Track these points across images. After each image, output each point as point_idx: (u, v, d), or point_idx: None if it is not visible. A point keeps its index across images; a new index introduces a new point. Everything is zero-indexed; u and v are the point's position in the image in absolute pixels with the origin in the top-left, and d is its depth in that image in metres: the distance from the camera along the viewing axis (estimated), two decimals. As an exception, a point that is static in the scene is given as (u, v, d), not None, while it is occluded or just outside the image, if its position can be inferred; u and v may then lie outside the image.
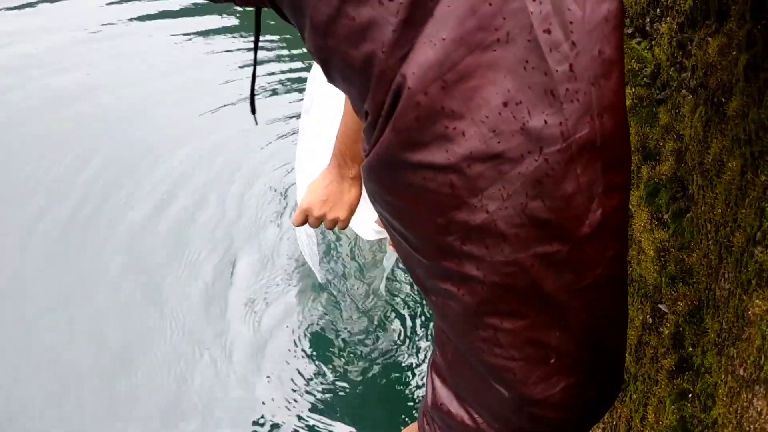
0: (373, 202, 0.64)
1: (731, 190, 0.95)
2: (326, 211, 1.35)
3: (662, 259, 1.18)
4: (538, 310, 0.59)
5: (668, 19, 1.22)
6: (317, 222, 1.35)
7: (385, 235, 1.69)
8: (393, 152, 0.56)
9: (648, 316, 1.21)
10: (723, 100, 1.00)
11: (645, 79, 1.32)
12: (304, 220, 1.37)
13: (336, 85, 0.59)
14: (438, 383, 0.71)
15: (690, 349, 1.06)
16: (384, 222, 0.64)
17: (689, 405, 1.04)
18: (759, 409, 0.84)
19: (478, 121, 0.52)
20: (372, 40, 0.53)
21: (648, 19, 1.33)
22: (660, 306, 1.17)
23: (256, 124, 1.19)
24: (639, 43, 1.37)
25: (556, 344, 0.60)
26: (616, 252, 0.60)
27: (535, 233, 0.55)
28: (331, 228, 1.37)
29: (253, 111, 0.99)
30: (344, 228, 1.41)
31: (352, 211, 1.36)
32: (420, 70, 0.51)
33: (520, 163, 0.53)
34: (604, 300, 0.61)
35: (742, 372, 0.89)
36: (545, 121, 0.52)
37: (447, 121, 0.52)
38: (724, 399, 0.94)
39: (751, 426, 0.85)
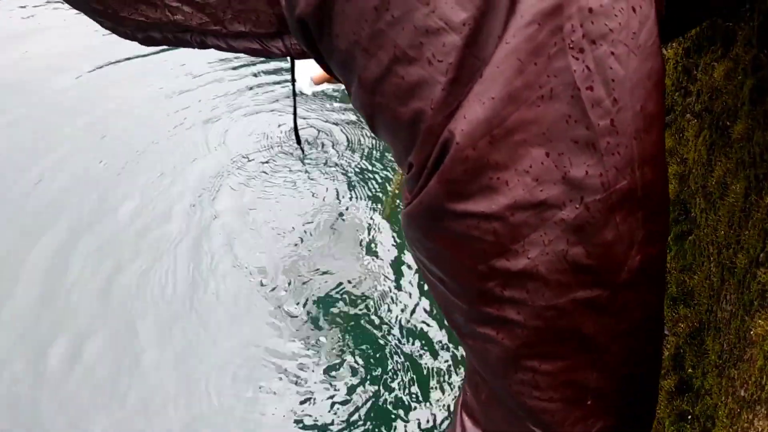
0: (410, 248, 0.66)
1: (735, 212, 0.96)
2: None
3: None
4: (578, 352, 0.60)
5: (674, 44, 1.24)
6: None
7: (319, 89, 1.79)
8: (438, 202, 0.58)
9: (648, 338, 1.22)
10: (728, 123, 1.01)
11: (663, 60, 1.33)
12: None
13: (380, 138, 0.62)
14: (469, 424, 0.72)
15: (690, 370, 1.07)
16: (421, 267, 0.66)
17: (689, 427, 1.04)
18: (760, 429, 0.84)
19: (522, 172, 0.55)
20: (421, 97, 0.55)
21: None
22: (660, 328, 1.17)
23: (303, 154, 1.25)
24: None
25: (594, 385, 0.61)
26: (654, 297, 0.62)
27: (575, 279, 0.57)
28: None
29: (299, 142, 1.07)
30: None
31: None
32: (469, 126, 0.54)
33: (561, 210, 0.55)
34: (641, 343, 0.63)
35: (743, 393, 0.89)
36: (586, 172, 0.54)
37: (492, 173, 0.55)
38: (724, 420, 0.94)
39: (752, 447, 0.85)
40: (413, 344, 1.99)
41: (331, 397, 1.89)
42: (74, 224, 2.36)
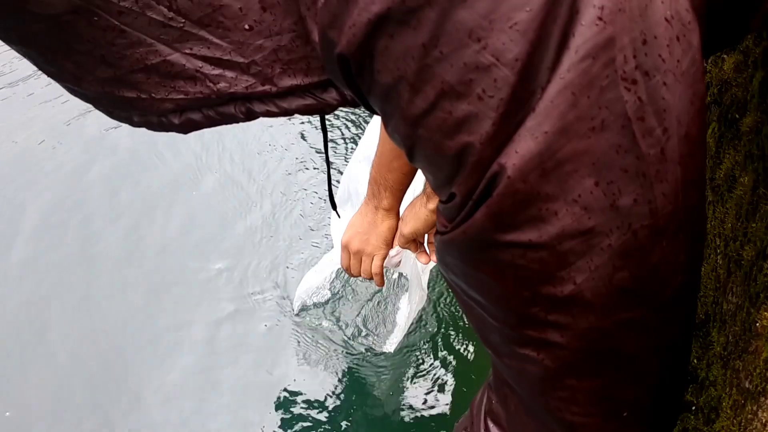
0: (445, 272, 0.67)
1: (742, 204, 0.96)
2: (363, 246, 1.32)
3: (670, 272, 1.19)
4: (617, 369, 0.63)
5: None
6: (357, 264, 1.33)
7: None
8: (484, 233, 0.59)
9: (653, 330, 1.22)
10: (737, 116, 1.01)
11: (706, 87, 1.33)
12: (348, 258, 1.34)
13: (417, 166, 0.63)
14: (495, 430, 0.76)
15: (695, 362, 1.07)
16: (456, 290, 0.67)
17: (692, 417, 1.05)
18: (764, 420, 0.84)
19: (571, 201, 0.56)
20: (469, 132, 0.55)
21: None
22: (666, 319, 1.18)
23: (339, 217, 1.23)
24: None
25: (632, 399, 0.65)
26: (691, 313, 0.65)
27: (620, 302, 0.59)
28: (370, 273, 1.33)
29: (334, 207, 1.01)
30: (378, 269, 1.35)
31: (388, 245, 1.32)
32: (521, 161, 0.54)
33: (609, 237, 0.57)
34: (678, 355, 0.66)
35: (747, 384, 0.90)
36: (635, 200, 0.56)
37: (542, 204, 0.56)
38: (728, 411, 0.94)
39: (755, 438, 0.86)
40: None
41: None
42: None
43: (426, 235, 1.31)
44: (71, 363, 1.95)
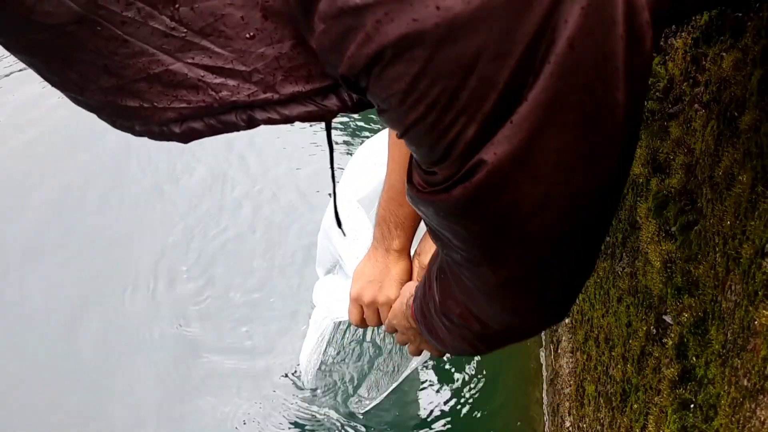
0: (414, 206, 0.76)
1: (741, 202, 0.96)
2: (377, 295, 1.27)
3: (669, 270, 1.19)
4: (554, 276, 0.77)
5: (683, 34, 1.23)
6: (374, 315, 1.29)
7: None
8: (461, 204, 0.67)
9: (652, 327, 1.22)
10: (736, 114, 1.01)
11: (657, 93, 1.33)
12: (360, 312, 1.31)
13: (406, 144, 0.68)
14: (449, 295, 0.90)
15: (693, 359, 1.07)
16: (425, 220, 0.77)
17: (691, 415, 1.05)
18: (762, 418, 0.84)
19: (532, 177, 0.65)
20: (456, 134, 0.62)
21: (663, 34, 1.34)
22: (664, 317, 1.18)
23: (344, 235, 1.22)
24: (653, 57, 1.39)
25: (558, 292, 0.80)
26: (603, 232, 0.79)
27: (565, 241, 0.72)
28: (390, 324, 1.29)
29: (339, 225, 1.12)
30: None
31: (418, 269, 1.27)
32: (498, 160, 0.62)
33: (562, 201, 0.67)
34: (595, 258, 0.82)
35: (746, 382, 0.90)
36: (585, 173, 0.66)
37: (513, 187, 0.65)
38: (727, 409, 0.94)
39: (753, 435, 0.86)
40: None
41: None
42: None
43: None
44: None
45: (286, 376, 1.98)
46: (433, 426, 1.86)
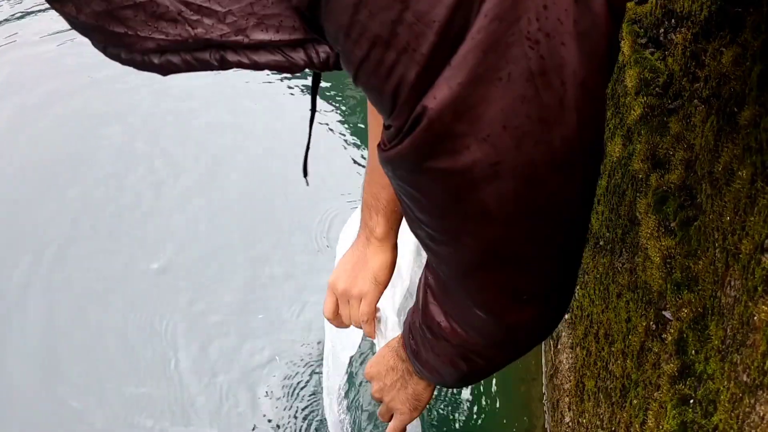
0: (386, 173, 0.77)
1: (740, 198, 0.97)
2: (350, 285, 1.19)
3: (668, 266, 1.19)
4: (519, 267, 0.77)
5: (683, 29, 1.23)
6: (346, 308, 1.22)
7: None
8: (408, 158, 0.70)
9: (651, 323, 1.22)
10: (735, 109, 1.01)
11: (657, 89, 1.33)
12: (334, 302, 1.24)
13: (365, 93, 0.72)
14: (431, 299, 0.91)
15: (693, 355, 1.07)
16: (394, 187, 0.78)
17: (690, 411, 1.05)
18: (761, 414, 0.85)
19: (481, 139, 0.65)
20: (399, 77, 0.64)
21: (662, 30, 1.34)
22: (664, 313, 1.18)
23: (308, 184, 1.17)
24: (652, 54, 1.39)
25: (531, 288, 0.79)
26: (585, 221, 0.78)
27: (521, 217, 0.72)
28: (357, 320, 1.22)
29: (305, 174, 1.08)
30: (366, 316, 1.20)
31: (378, 285, 1.18)
32: (438, 105, 0.64)
33: (513, 170, 0.67)
34: (571, 257, 0.80)
35: (745, 378, 0.90)
36: (536, 141, 0.66)
37: (456, 139, 0.66)
38: (726, 405, 0.94)
39: (753, 431, 0.86)
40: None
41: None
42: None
43: None
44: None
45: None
46: (433, 422, 1.86)
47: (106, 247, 2.27)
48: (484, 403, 1.91)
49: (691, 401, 1.06)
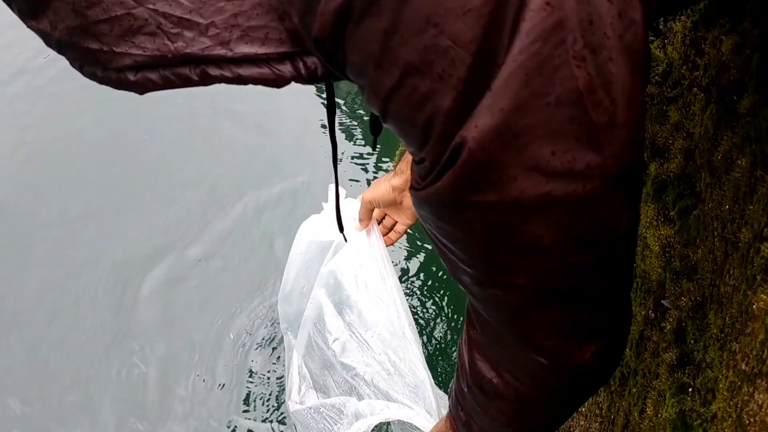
0: (421, 221, 0.73)
1: (740, 187, 0.96)
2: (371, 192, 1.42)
3: (667, 255, 1.19)
4: (574, 301, 0.71)
5: (682, 17, 1.23)
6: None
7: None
8: (451, 194, 0.64)
9: (650, 312, 1.22)
10: (735, 98, 1.01)
11: (656, 77, 1.33)
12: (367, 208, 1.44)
13: (389, 127, 0.67)
14: (477, 356, 0.85)
15: (692, 343, 1.08)
16: (431, 237, 0.74)
17: (689, 399, 1.06)
18: (760, 402, 0.85)
19: (529, 168, 0.61)
20: (433, 106, 0.60)
21: (662, 18, 1.34)
22: (663, 302, 1.18)
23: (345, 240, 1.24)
24: (652, 42, 1.38)
25: (588, 322, 0.74)
26: (633, 245, 0.72)
27: (575, 248, 0.66)
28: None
29: (341, 229, 1.07)
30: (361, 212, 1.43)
31: (388, 187, 1.39)
32: (480, 134, 0.59)
33: (565, 197, 0.62)
34: (624, 283, 0.75)
35: (743, 366, 0.90)
36: (588, 164, 0.61)
37: (501, 170, 0.61)
38: (725, 393, 0.95)
39: (751, 419, 0.86)
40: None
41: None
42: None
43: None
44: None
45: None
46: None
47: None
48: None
49: (690, 390, 1.06)
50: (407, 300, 1.67)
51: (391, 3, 0.56)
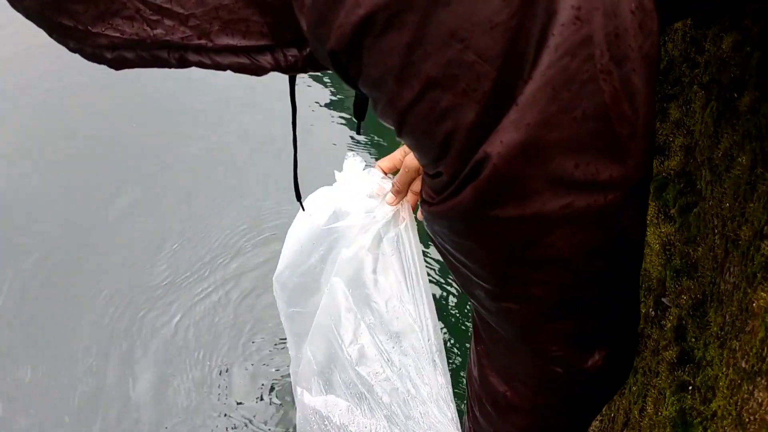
0: (432, 235, 0.72)
1: (740, 184, 0.96)
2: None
3: (667, 252, 1.19)
4: (587, 311, 0.71)
5: (683, 15, 1.22)
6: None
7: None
8: (470, 209, 0.63)
9: (651, 310, 1.22)
10: (735, 95, 1.01)
11: (660, 62, 1.32)
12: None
13: (404, 142, 0.67)
14: (489, 372, 0.83)
15: (692, 341, 1.07)
16: (443, 251, 0.72)
17: (689, 397, 1.05)
18: (759, 400, 0.85)
19: (552, 181, 0.60)
20: (455, 121, 0.59)
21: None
22: (663, 299, 1.18)
23: (303, 209, 1.12)
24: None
25: (602, 331, 0.73)
26: (640, 257, 0.72)
27: (593, 259, 0.66)
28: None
29: (299, 198, 1.04)
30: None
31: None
32: (505, 149, 0.58)
33: (586, 210, 0.62)
34: (632, 294, 0.74)
35: (743, 364, 0.90)
36: (611, 176, 0.61)
37: (525, 184, 0.60)
38: (725, 391, 0.95)
39: (751, 417, 0.86)
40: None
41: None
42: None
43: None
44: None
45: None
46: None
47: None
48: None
49: (690, 388, 1.06)
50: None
51: (415, 17, 0.55)
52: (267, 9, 0.61)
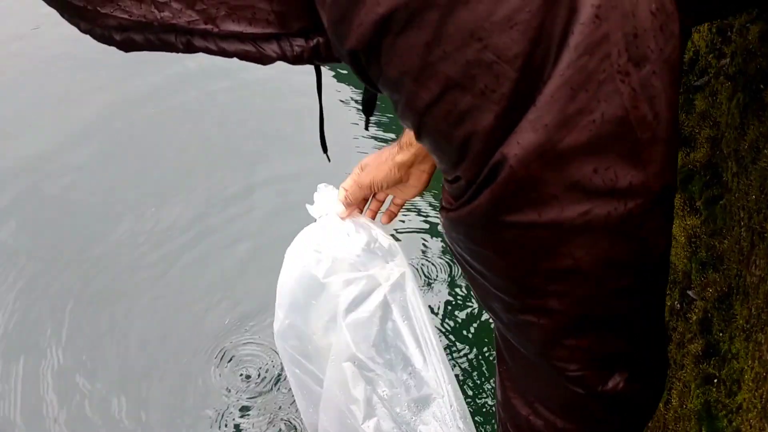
0: (450, 244, 0.71)
1: (766, 176, 0.95)
2: (369, 173, 1.21)
3: (693, 245, 1.18)
4: (609, 328, 0.69)
5: (709, 5, 1.21)
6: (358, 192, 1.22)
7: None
8: (487, 214, 0.62)
9: (676, 302, 1.22)
10: (762, 86, 1.00)
11: (683, 66, 1.31)
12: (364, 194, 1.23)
13: (423, 144, 0.66)
14: (511, 393, 0.80)
15: (718, 334, 1.07)
16: (461, 260, 0.71)
17: (714, 390, 1.05)
18: (785, 393, 0.84)
19: (570, 186, 0.59)
20: (473, 123, 0.58)
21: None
22: (689, 292, 1.17)
23: (329, 161, 1.08)
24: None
25: (622, 350, 0.70)
26: (667, 270, 0.70)
27: (614, 271, 0.64)
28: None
29: (325, 149, 1.00)
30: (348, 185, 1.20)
31: (392, 166, 1.18)
32: (523, 151, 0.58)
33: (606, 218, 0.60)
34: (657, 311, 0.72)
35: (769, 357, 0.89)
36: (630, 182, 0.59)
37: (542, 189, 0.59)
38: (750, 384, 0.94)
39: (776, 410, 0.86)
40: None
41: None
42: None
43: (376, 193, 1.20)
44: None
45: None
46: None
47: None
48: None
49: (715, 380, 1.05)
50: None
51: (434, 16, 0.55)
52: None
